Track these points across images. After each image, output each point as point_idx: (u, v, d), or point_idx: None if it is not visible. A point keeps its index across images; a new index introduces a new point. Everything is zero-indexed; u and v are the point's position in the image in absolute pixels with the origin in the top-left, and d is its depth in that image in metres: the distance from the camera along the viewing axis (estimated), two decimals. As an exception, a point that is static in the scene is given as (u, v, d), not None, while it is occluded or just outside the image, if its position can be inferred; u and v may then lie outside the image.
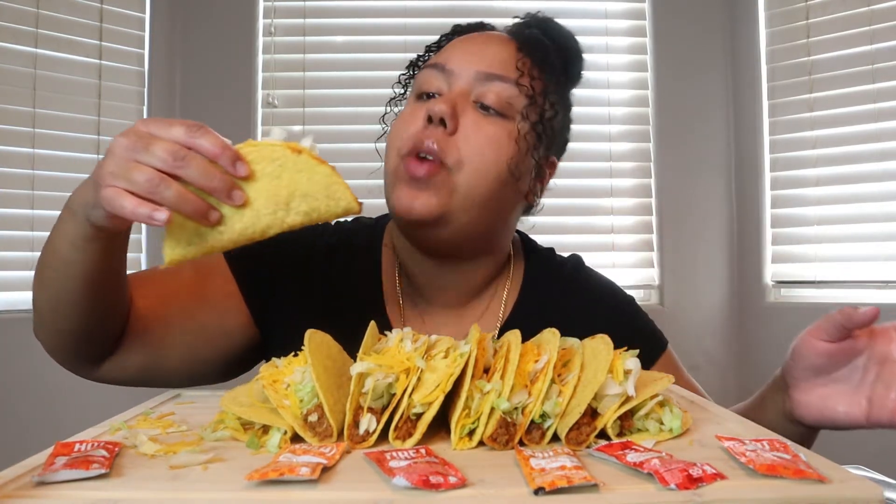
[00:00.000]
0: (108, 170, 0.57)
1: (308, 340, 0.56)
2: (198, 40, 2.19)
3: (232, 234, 0.57)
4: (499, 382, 0.51)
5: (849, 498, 0.39)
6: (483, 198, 0.80)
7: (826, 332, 0.70)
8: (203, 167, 0.55)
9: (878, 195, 1.96)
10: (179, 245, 0.57)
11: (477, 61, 0.82)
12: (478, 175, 0.78)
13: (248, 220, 0.57)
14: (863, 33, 1.99)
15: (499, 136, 0.80)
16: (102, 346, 0.79)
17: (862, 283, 2.00)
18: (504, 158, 0.80)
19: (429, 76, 0.84)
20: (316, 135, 2.45)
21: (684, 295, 2.21)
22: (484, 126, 0.79)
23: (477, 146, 0.78)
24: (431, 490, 0.40)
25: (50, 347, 0.77)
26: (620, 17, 2.27)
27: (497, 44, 0.85)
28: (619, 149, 2.24)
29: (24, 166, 1.90)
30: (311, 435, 0.51)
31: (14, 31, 1.89)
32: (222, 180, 0.55)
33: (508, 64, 0.82)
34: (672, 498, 0.39)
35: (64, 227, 0.66)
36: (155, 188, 0.54)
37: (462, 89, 0.81)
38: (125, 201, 0.55)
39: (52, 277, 0.70)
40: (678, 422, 0.53)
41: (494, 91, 0.81)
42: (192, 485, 0.42)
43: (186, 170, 0.55)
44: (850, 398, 0.70)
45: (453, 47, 0.86)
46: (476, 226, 0.82)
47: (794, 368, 0.74)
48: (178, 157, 0.55)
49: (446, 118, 0.77)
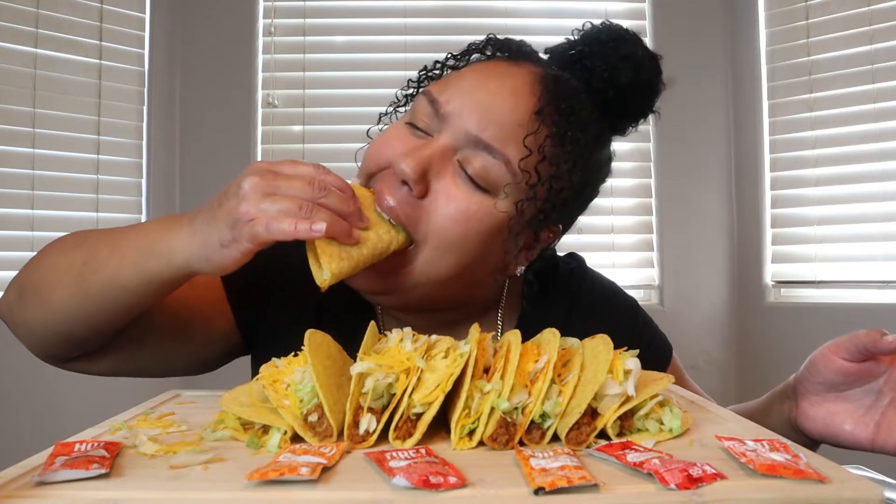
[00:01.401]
0: (247, 207, 0.60)
1: (308, 340, 0.56)
2: (198, 40, 2.19)
3: (367, 249, 0.66)
4: (499, 382, 0.51)
5: (849, 498, 0.39)
6: (441, 277, 0.71)
7: (848, 351, 0.68)
8: (339, 196, 0.63)
9: (878, 195, 1.97)
10: (334, 261, 0.63)
11: (475, 119, 0.69)
12: (437, 254, 0.69)
13: (374, 239, 0.67)
14: (863, 33, 1.99)
15: (473, 211, 0.69)
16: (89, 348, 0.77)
17: (862, 283, 2.00)
18: (475, 237, 0.70)
19: (422, 106, 0.73)
20: (316, 135, 2.46)
21: (684, 295, 2.21)
22: (460, 198, 0.69)
23: (443, 220, 0.68)
24: (431, 490, 0.40)
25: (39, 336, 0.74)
26: (620, 17, 2.27)
27: (510, 97, 0.70)
28: (618, 149, 2.22)
29: (24, 166, 1.90)
30: (311, 435, 0.51)
31: (14, 31, 1.89)
32: (356, 207, 0.64)
33: (513, 133, 0.69)
34: (672, 498, 0.39)
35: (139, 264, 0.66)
36: (310, 211, 0.60)
37: (446, 146, 0.70)
38: (284, 225, 0.59)
39: (99, 291, 0.68)
40: (678, 422, 0.53)
41: (481, 163, 0.69)
42: (192, 485, 0.42)
43: (329, 198, 0.62)
44: (859, 419, 0.69)
45: (461, 82, 0.73)
46: (440, 292, 0.74)
47: (808, 381, 0.72)
48: (320, 187, 0.62)
49: (411, 183, 0.68)
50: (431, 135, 0.72)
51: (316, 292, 0.83)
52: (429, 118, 0.72)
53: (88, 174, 2.00)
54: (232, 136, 2.18)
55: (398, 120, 0.78)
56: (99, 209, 2.00)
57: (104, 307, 0.69)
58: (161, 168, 2.14)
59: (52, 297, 0.71)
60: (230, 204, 0.61)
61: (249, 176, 0.61)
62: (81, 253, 0.71)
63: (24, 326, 0.75)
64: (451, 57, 0.80)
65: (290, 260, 0.82)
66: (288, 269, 0.82)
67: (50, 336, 0.74)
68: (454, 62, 0.79)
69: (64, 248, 0.76)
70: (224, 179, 0.64)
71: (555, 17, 2.26)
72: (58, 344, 0.75)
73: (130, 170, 2.10)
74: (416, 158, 0.68)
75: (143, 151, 2.12)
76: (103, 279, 0.68)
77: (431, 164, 0.69)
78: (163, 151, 2.15)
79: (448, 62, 0.79)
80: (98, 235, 0.74)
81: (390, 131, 0.75)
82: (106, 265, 0.68)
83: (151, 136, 2.12)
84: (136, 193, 2.10)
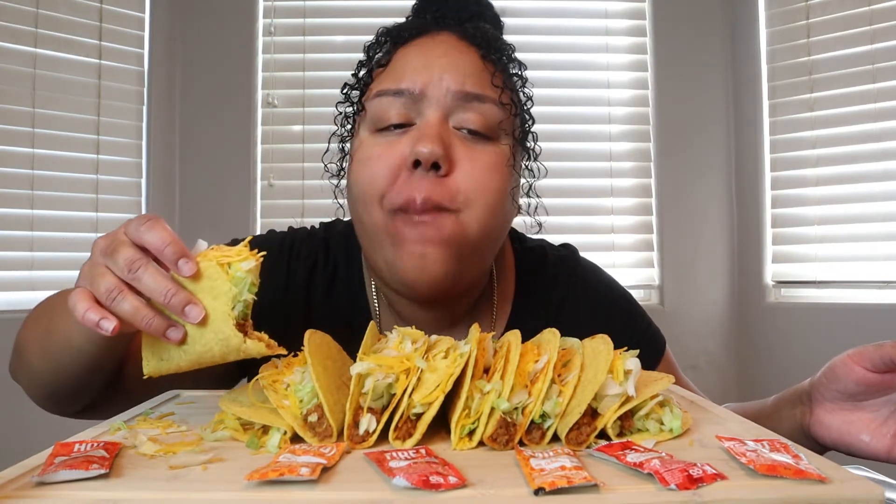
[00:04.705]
0: (83, 270, 0.56)
1: (308, 341, 0.56)
2: (198, 40, 2.19)
3: (192, 354, 0.54)
4: (499, 382, 0.51)
5: (849, 498, 0.39)
6: (492, 237, 0.74)
7: (871, 361, 0.66)
8: (156, 279, 0.52)
9: (878, 195, 1.97)
10: (154, 358, 0.55)
11: (449, 79, 0.71)
12: (486, 213, 0.71)
13: (208, 341, 0.53)
14: (863, 33, 1.99)
15: (495, 163, 0.72)
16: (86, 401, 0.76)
17: (862, 283, 2.00)
18: (506, 186, 0.73)
19: (389, 105, 0.72)
20: (316, 135, 2.46)
21: (684, 295, 2.21)
22: (478, 156, 0.71)
23: (480, 180, 0.70)
24: (431, 490, 0.40)
25: (33, 395, 0.76)
26: (620, 17, 2.27)
27: (460, 53, 0.74)
28: (619, 149, 2.24)
29: (23, 166, 1.90)
30: (310, 435, 0.51)
31: (14, 31, 1.89)
32: (175, 294, 0.52)
33: (482, 78, 0.73)
34: (672, 498, 0.39)
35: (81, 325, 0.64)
36: (112, 300, 0.53)
37: (439, 117, 0.71)
38: (79, 304, 0.53)
39: (57, 354, 0.67)
40: (678, 422, 0.53)
41: (477, 113, 0.71)
42: (191, 485, 0.42)
43: (139, 282, 0.53)
44: (877, 430, 0.68)
45: (409, 63, 0.74)
46: (482, 268, 0.76)
47: (825, 388, 0.70)
48: (134, 267, 0.53)
49: (440, 161, 0.68)
50: (413, 122, 0.72)
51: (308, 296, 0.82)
52: (404, 108, 0.72)
53: (88, 174, 2.00)
54: (232, 136, 2.17)
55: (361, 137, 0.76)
56: (98, 209, 2.00)
57: (69, 367, 0.67)
58: (161, 168, 2.14)
59: (29, 361, 0.72)
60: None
61: (107, 234, 0.57)
62: (46, 316, 0.70)
63: (22, 385, 0.77)
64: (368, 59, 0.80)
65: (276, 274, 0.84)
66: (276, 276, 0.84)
67: (42, 394, 0.75)
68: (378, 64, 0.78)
69: (37, 311, 0.75)
70: (224, 179, 0.64)
71: (555, 17, 2.26)
72: (53, 400, 0.76)
73: (130, 170, 2.10)
74: (430, 137, 0.69)
75: (142, 151, 2.11)
76: (59, 342, 0.66)
77: (442, 135, 0.70)
78: (162, 151, 2.15)
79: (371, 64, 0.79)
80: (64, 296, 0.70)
81: (370, 149, 0.73)
82: (59, 328, 0.66)
83: (151, 136, 2.12)
84: (135, 193, 2.10)
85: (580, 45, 2.26)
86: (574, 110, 2.24)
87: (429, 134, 0.69)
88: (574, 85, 2.24)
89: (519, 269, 0.89)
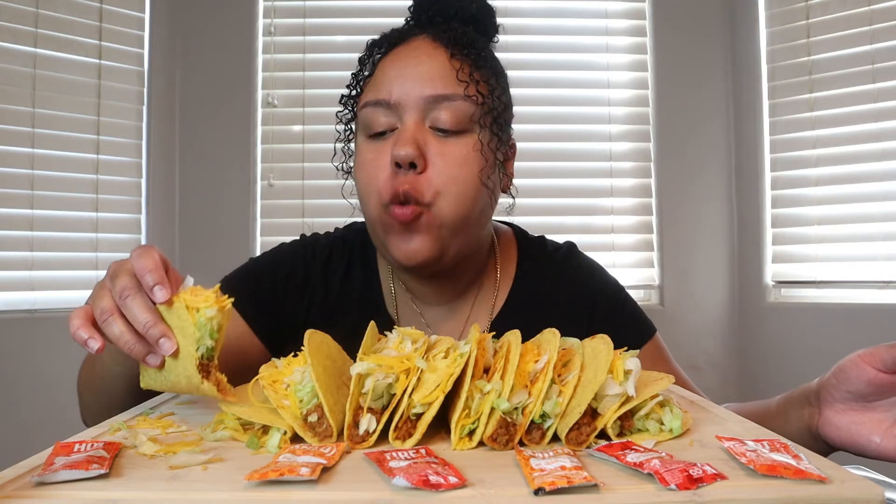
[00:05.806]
0: (95, 287, 0.61)
1: (307, 341, 0.56)
2: (198, 40, 2.19)
3: (168, 382, 0.58)
4: (499, 382, 0.51)
5: (849, 498, 0.39)
6: (469, 218, 0.81)
7: (883, 362, 0.65)
8: (140, 309, 0.56)
9: (878, 195, 1.96)
10: (147, 374, 0.60)
11: (419, 86, 0.80)
12: (457, 200, 0.79)
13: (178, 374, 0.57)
14: (863, 33, 1.99)
15: (464, 154, 0.80)
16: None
17: (862, 283, 2.00)
18: (475, 173, 0.80)
19: (374, 115, 0.82)
20: (316, 135, 2.45)
21: (684, 295, 2.21)
22: (448, 151, 0.79)
23: (448, 174, 0.79)
24: (431, 490, 0.40)
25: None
26: (620, 17, 2.27)
27: (429, 58, 0.82)
28: (619, 149, 2.24)
29: (23, 166, 1.90)
30: (310, 435, 0.51)
31: (14, 31, 1.89)
32: (152, 326, 0.56)
33: (449, 78, 0.80)
34: (672, 498, 0.39)
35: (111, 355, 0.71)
36: (103, 321, 0.57)
37: (415, 121, 0.80)
38: (74, 320, 0.58)
39: (101, 386, 0.75)
40: (678, 422, 0.53)
41: (447, 112, 0.79)
42: (191, 485, 0.42)
43: (126, 309, 0.57)
44: (888, 431, 0.67)
45: (386, 74, 0.83)
46: (468, 243, 0.84)
47: (835, 388, 0.70)
48: (124, 294, 0.57)
49: (415, 161, 0.77)
50: (396, 127, 0.81)
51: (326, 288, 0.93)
52: (385, 116, 0.81)
53: (88, 174, 2.00)
54: (232, 136, 2.17)
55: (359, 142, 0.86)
56: (98, 209, 2.00)
57: (116, 397, 0.74)
58: (161, 168, 2.14)
59: (87, 401, 0.82)
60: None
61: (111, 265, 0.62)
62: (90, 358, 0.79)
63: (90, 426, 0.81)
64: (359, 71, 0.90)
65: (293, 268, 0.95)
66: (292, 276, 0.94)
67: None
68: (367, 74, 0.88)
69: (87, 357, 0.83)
70: (224, 179, 0.65)
71: (555, 17, 2.26)
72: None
73: (130, 169, 2.10)
74: (405, 140, 0.78)
75: (142, 151, 2.11)
76: (104, 376, 0.74)
77: (416, 138, 0.78)
78: (162, 151, 2.15)
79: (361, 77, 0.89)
80: None
81: (365, 153, 0.83)
82: (100, 362, 0.74)
83: (151, 136, 2.12)
84: (135, 193, 2.10)
85: (580, 45, 2.26)
86: (574, 110, 2.24)
87: (403, 138, 0.78)
88: (574, 85, 2.23)
89: (521, 252, 0.98)
